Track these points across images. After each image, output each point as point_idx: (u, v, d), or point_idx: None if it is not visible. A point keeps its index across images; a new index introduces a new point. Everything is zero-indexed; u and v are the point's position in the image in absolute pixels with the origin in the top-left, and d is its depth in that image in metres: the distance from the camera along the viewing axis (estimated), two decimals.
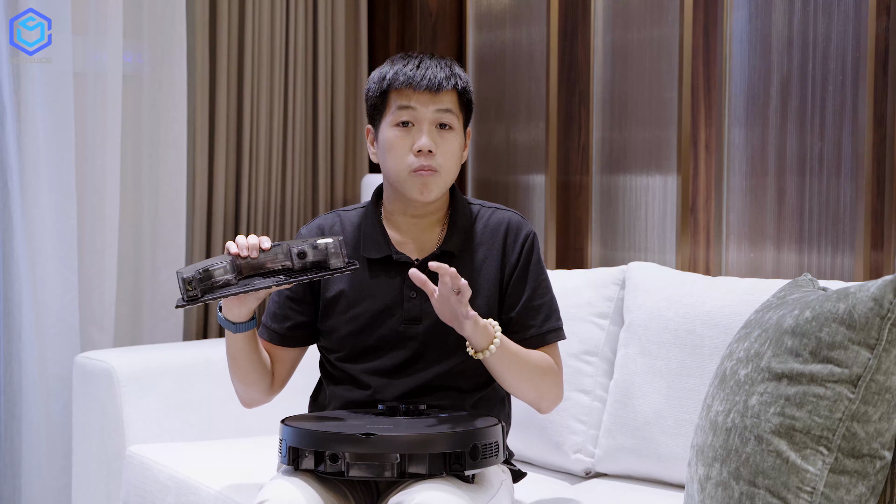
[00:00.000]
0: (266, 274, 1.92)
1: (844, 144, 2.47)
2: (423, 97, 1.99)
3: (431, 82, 1.99)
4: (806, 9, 2.52)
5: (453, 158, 2.02)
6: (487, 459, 1.82)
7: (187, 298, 1.86)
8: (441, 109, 2.00)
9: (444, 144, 2.01)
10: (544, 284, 2.09)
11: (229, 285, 1.89)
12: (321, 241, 1.91)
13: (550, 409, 2.09)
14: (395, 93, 2.01)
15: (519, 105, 3.19)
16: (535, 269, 2.08)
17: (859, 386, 1.52)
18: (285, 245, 1.92)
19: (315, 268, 1.92)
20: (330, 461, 1.77)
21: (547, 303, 2.08)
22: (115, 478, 2.67)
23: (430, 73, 2.00)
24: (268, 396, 2.12)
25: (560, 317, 2.10)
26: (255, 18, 3.33)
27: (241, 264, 1.91)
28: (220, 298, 1.89)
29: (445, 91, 2.01)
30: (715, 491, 1.61)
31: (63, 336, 2.99)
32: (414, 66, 2.01)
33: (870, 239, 2.42)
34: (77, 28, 3.01)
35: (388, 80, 2.02)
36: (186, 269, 1.87)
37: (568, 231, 3.05)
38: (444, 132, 2.01)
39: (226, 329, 1.99)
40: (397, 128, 2.01)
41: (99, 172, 3.06)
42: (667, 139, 2.81)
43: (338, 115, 3.54)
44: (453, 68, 2.04)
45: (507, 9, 3.22)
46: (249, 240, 1.92)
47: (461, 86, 2.04)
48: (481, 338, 1.90)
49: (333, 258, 1.91)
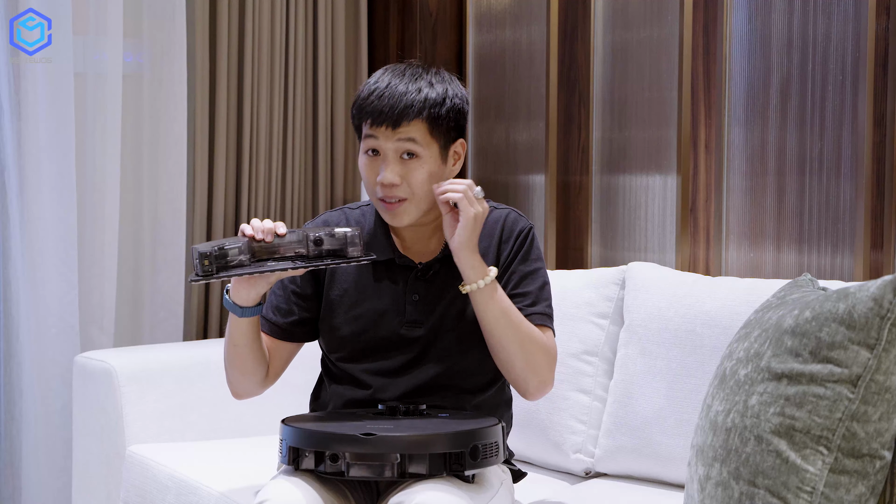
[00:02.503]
0: (279, 259, 1.90)
1: (844, 144, 2.47)
2: (385, 131, 1.95)
3: (389, 117, 1.93)
4: (806, 9, 2.52)
5: (422, 186, 1.97)
6: (487, 459, 1.82)
7: (202, 273, 1.84)
8: (403, 139, 1.95)
9: (410, 174, 1.96)
10: (534, 276, 2.05)
11: (243, 266, 1.88)
12: (339, 230, 1.90)
13: (538, 395, 2.02)
14: (363, 123, 1.98)
15: (519, 105, 3.19)
16: (524, 259, 2.05)
17: (859, 386, 1.52)
18: (301, 232, 1.91)
19: (330, 256, 1.90)
20: (330, 461, 1.77)
21: (534, 292, 2.04)
22: (115, 478, 2.67)
23: (388, 106, 1.94)
24: (261, 388, 2.10)
25: (550, 311, 2.06)
26: (255, 18, 3.33)
27: (254, 247, 1.89)
28: (235, 276, 1.87)
29: (405, 124, 1.94)
30: (715, 491, 1.61)
31: (63, 336, 2.99)
32: (376, 97, 1.95)
33: (870, 239, 2.42)
34: (77, 28, 3.01)
35: (354, 109, 2.00)
36: (203, 245, 1.85)
37: (568, 231, 3.05)
38: (409, 161, 1.96)
39: (231, 313, 1.97)
40: (366, 155, 1.99)
41: (99, 172, 3.06)
42: (667, 139, 2.81)
43: (338, 115, 3.54)
44: (424, 90, 1.96)
45: (507, 9, 3.22)
46: (265, 223, 1.90)
47: (431, 113, 1.95)
48: (476, 271, 1.93)
49: (351, 247, 1.89)
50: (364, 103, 1.97)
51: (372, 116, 1.95)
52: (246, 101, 3.32)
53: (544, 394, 2.03)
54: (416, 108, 1.95)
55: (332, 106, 3.55)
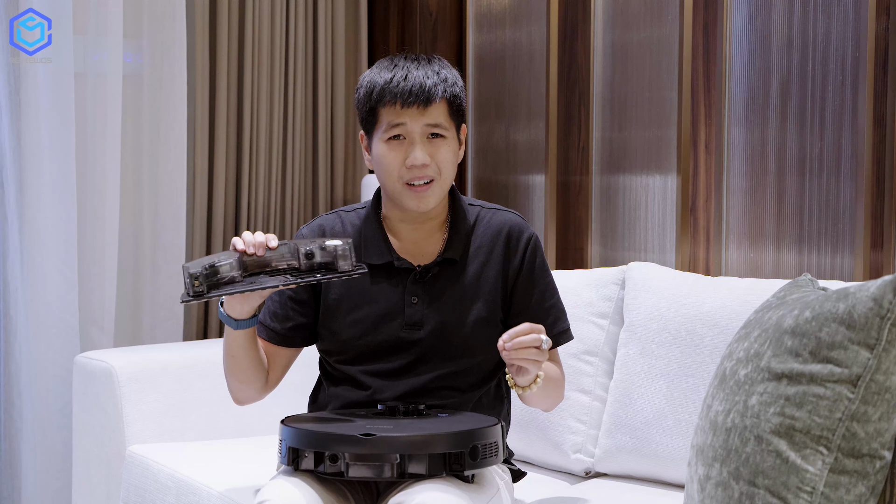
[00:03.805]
0: (271, 272, 1.90)
1: (844, 144, 2.47)
2: (413, 112, 1.96)
3: (419, 97, 1.95)
4: (806, 9, 2.52)
5: (449, 165, 2.00)
6: (487, 459, 1.82)
7: (193, 294, 1.84)
8: (431, 124, 1.97)
9: (438, 153, 1.98)
10: (551, 286, 2.11)
11: (234, 282, 1.87)
12: (330, 243, 1.89)
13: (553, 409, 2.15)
14: (384, 109, 1.98)
15: (519, 105, 3.19)
16: (541, 272, 2.09)
17: (859, 386, 1.52)
18: (293, 244, 1.90)
19: (322, 269, 1.90)
20: (329, 462, 1.77)
21: (556, 304, 2.10)
22: (115, 478, 2.67)
23: (416, 85, 1.96)
24: (261, 395, 2.11)
25: (567, 318, 2.13)
26: (255, 18, 3.33)
27: (246, 261, 1.89)
28: (226, 295, 1.87)
29: (434, 103, 1.97)
30: (715, 491, 1.61)
31: (63, 336, 2.99)
32: (401, 78, 1.97)
33: (870, 239, 2.42)
34: (77, 28, 3.01)
35: (375, 95, 1.98)
36: (193, 264, 1.85)
37: (568, 231, 3.05)
38: (436, 140, 1.99)
39: (226, 325, 1.98)
40: (389, 142, 1.98)
41: (99, 172, 3.06)
42: (667, 139, 2.81)
43: (338, 115, 3.54)
44: (441, 73, 2.00)
45: (507, 9, 3.22)
46: (256, 237, 1.90)
47: (451, 93, 2.00)
48: (528, 377, 1.90)
49: (342, 261, 1.89)
50: (389, 87, 1.97)
51: (402, 97, 1.95)
52: (246, 101, 3.32)
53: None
54: (441, 88, 1.98)
55: (332, 106, 3.55)
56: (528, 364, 1.84)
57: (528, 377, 1.88)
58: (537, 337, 1.83)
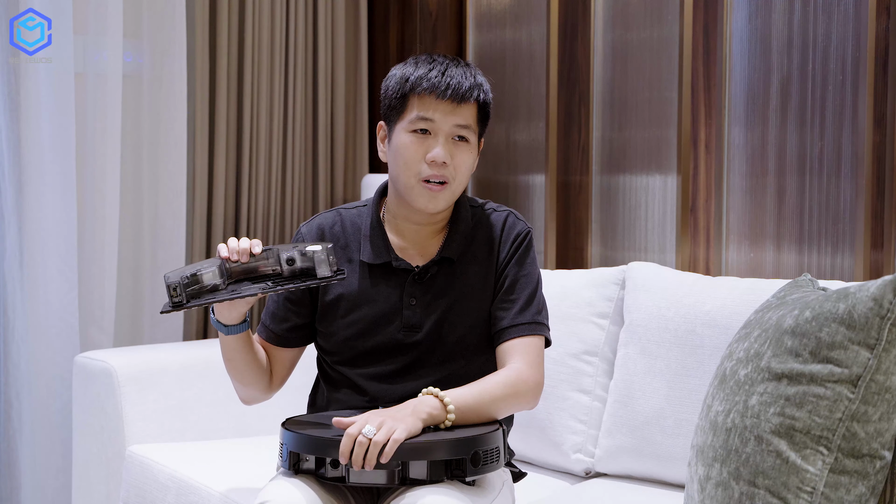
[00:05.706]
0: (256, 279, 1.91)
1: (844, 144, 2.47)
2: (445, 107, 1.96)
3: (455, 92, 1.95)
4: (806, 9, 2.52)
5: (465, 170, 2.00)
6: (488, 465, 1.81)
7: (172, 304, 1.85)
8: (460, 125, 1.97)
9: (458, 156, 1.98)
10: (526, 280, 2.04)
11: (217, 290, 1.88)
12: (310, 249, 1.89)
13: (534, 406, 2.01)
14: (417, 98, 1.97)
15: (519, 105, 3.19)
16: (518, 264, 2.04)
17: (859, 386, 1.52)
18: (275, 250, 1.91)
19: (303, 275, 1.90)
20: (331, 467, 1.77)
21: (524, 298, 2.02)
22: (115, 478, 2.67)
23: (454, 81, 1.96)
24: (266, 394, 2.11)
25: (541, 317, 2.03)
26: (255, 18, 3.33)
27: (230, 268, 1.90)
28: (206, 305, 1.88)
29: (467, 104, 1.97)
30: (715, 491, 1.61)
31: (63, 336, 2.99)
32: (439, 73, 1.97)
33: (870, 239, 2.42)
34: (77, 28, 3.01)
35: (410, 82, 1.97)
36: (172, 274, 1.85)
37: (568, 231, 3.05)
38: (459, 144, 1.98)
39: (218, 331, 1.99)
40: (413, 134, 1.98)
41: (99, 172, 3.06)
42: (667, 139, 2.81)
43: (338, 115, 3.54)
44: (477, 77, 2.00)
45: (507, 9, 3.22)
46: (241, 243, 1.91)
47: (483, 98, 2.00)
48: (435, 417, 1.83)
49: (321, 266, 1.89)
50: (427, 76, 1.97)
51: (439, 90, 1.95)
52: (246, 101, 3.32)
53: (535, 406, 2.01)
54: (476, 92, 1.99)
55: (332, 106, 3.55)
56: (374, 448, 1.72)
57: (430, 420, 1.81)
58: (351, 433, 1.72)
